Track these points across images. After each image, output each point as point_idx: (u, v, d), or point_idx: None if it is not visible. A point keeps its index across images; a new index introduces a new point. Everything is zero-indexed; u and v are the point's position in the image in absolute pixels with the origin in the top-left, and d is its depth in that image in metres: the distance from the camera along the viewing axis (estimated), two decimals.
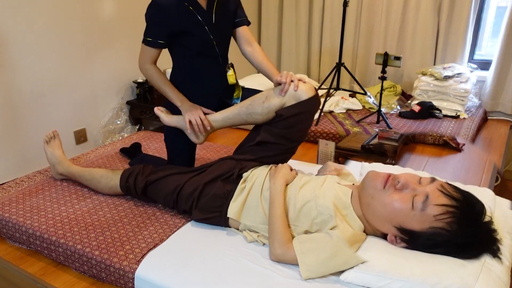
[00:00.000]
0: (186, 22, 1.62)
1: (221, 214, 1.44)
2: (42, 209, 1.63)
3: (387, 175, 1.20)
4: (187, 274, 1.23)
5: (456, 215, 1.08)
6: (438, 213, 1.09)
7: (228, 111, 1.64)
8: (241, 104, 1.61)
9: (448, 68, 2.94)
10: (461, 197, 1.11)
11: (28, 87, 2.30)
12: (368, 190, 1.22)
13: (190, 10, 1.62)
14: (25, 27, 2.23)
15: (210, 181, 1.50)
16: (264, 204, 1.38)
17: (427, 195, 1.11)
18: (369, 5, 3.43)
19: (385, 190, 1.18)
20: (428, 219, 1.10)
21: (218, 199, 1.45)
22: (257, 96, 1.57)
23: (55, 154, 1.84)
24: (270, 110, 1.52)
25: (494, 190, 1.52)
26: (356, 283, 1.13)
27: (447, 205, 1.09)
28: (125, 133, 2.88)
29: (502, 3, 3.14)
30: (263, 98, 1.53)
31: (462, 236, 1.08)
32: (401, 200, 1.14)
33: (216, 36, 1.68)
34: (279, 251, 1.24)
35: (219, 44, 1.71)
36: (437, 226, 1.09)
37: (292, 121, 1.50)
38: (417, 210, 1.11)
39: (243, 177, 1.49)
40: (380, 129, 2.52)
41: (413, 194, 1.14)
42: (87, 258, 1.37)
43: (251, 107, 1.56)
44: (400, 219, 1.15)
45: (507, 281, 1.07)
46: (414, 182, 1.17)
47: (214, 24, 1.67)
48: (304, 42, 3.82)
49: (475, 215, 1.10)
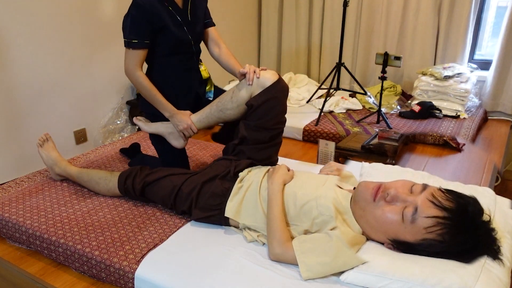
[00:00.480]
0: (167, 21, 1.64)
1: (221, 212, 1.45)
2: (42, 209, 1.63)
3: (377, 186, 1.19)
4: (187, 274, 1.23)
5: (447, 226, 1.07)
6: (428, 226, 1.08)
7: (201, 112, 1.69)
8: (211, 103, 1.67)
9: (448, 68, 2.94)
10: (453, 206, 1.08)
11: (28, 87, 2.30)
12: (359, 203, 1.22)
13: (169, 10, 1.65)
14: (25, 27, 2.23)
15: (208, 180, 1.52)
16: (263, 204, 1.38)
17: (416, 207, 1.10)
18: (369, 5, 3.43)
19: (375, 202, 1.17)
20: (420, 231, 1.10)
21: (217, 197, 1.46)
22: (225, 93, 1.63)
23: (50, 156, 1.84)
24: (239, 103, 1.56)
25: (494, 190, 1.52)
26: (356, 283, 1.13)
27: (437, 216, 1.08)
28: (125, 133, 2.88)
29: (502, 3, 3.14)
30: (231, 93, 1.59)
31: (456, 245, 1.08)
32: (391, 212, 1.13)
33: (193, 35, 1.73)
34: (278, 251, 1.24)
35: (195, 43, 1.76)
36: (429, 238, 1.09)
37: (263, 109, 1.53)
38: (407, 223, 1.10)
39: (240, 177, 1.50)
40: (380, 129, 2.52)
41: (403, 206, 1.13)
42: (87, 258, 1.37)
43: (221, 104, 1.61)
44: (393, 231, 1.15)
45: (507, 282, 1.07)
46: (404, 192, 1.15)
47: (191, 23, 1.71)
48: (304, 42, 3.82)
49: (468, 223, 1.07)
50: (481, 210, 1.11)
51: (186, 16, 1.70)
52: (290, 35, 3.88)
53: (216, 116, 1.65)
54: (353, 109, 3.09)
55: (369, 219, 1.19)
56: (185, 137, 1.74)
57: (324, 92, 3.32)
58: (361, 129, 2.66)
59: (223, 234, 1.43)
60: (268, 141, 1.61)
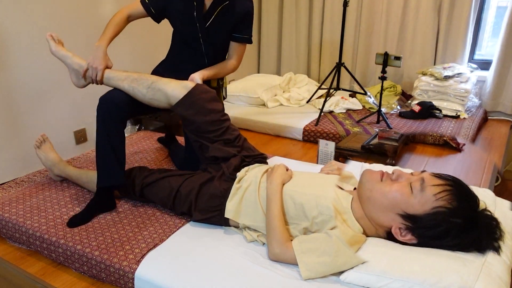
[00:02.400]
0: (179, 8, 1.71)
1: (220, 213, 1.45)
2: (42, 210, 1.63)
3: (381, 170, 1.27)
4: (186, 274, 1.23)
5: (453, 192, 1.12)
6: (437, 192, 1.12)
7: (116, 73, 1.64)
8: (130, 75, 1.61)
9: (448, 68, 2.94)
10: (453, 178, 1.18)
11: (28, 87, 2.30)
12: (366, 184, 1.24)
13: (192, 3, 1.70)
14: (25, 27, 2.23)
15: (205, 182, 1.52)
16: (263, 203, 1.38)
17: (423, 179, 1.16)
18: (369, 5, 3.43)
19: (382, 181, 1.22)
20: (429, 200, 1.13)
21: (217, 198, 1.46)
22: (146, 77, 1.60)
23: (49, 157, 1.83)
24: (155, 98, 1.58)
25: (494, 190, 1.52)
26: (356, 283, 1.13)
27: (443, 184, 1.14)
28: (125, 133, 2.88)
29: (502, 3, 3.14)
30: (150, 82, 1.58)
31: (464, 211, 1.11)
32: (400, 186, 1.18)
33: (204, 34, 1.76)
34: (277, 250, 1.24)
35: (206, 42, 1.78)
36: (438, 205, 1.12)
37: (191, 120, 1.56)
38: (417, 192, 1.14)
39: (238, 177, 1.49)
40: (380, 129, 2.52)
41: (409, 181, 1.18)
42: (87, 259, 1.37)
43: (136, 83, 1.58)
44: (402, 205, 1.16)
45: (507, 281, 1.07)
46: (407, 174, 1.23)
47: (207, 26, 1.74)
48: (304, 42, 3.82)
49: (470, 192, 1.15)
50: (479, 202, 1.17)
51: (205, 17, 1.73)
52: (290, 35, 3.88)
53: (125, 88, 1.60)
54: (353, 109, 3.09)
55: (377, 198, 1.20)
56: (85, 78, 1.69)
57: (324, 92, 3.32)
58: (361, 129, 2.66)
59: (223, 234, 1.43)
60: (221, 136, 1.59)
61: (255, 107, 3.16)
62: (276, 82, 3.41)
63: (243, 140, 1.66)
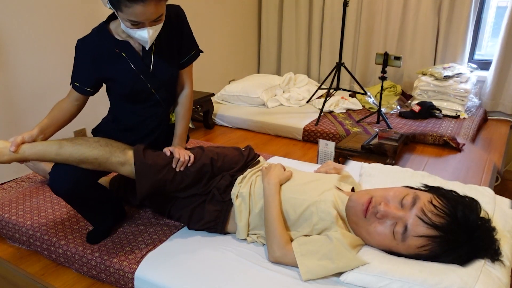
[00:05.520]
0: (116, 70, 1.40)
1: (217, 230, 1.43)
2: (42, 210, 1.63)
3: (368, 201, 1.17)
4: (186, 275, 1.23)
5: (438, 244, 1.07)
6: (420, 245, 1.09)
7: (43, 144, 1.40)
8: (57, 141, 1.39)
9: (448, 68, 2.94)
10: (443, 222, 1.06)
11: (28, 87, 2.30)
12: (351, 217, 1.22)
13: (122, 56, 1.39)
14: (25, 27, 2.23)
15: (197, 206, 1.42)
16: (258, 203, 1.37)
17: (406, 226, 1.10)
18: (369, 5, 3.43)
19: (367, 219, 1.17)
20: (411, 248, 1.11)
21: (212, 223, 1.41)
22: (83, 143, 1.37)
23: (39, 167, 1.80)
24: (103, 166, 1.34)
25: (494, 190, 1.52)
26: (356, 283, 1.13)
27: (427, 236, 1.07)
28: None
29: (502, 3, 3.14)
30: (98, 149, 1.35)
31: (450, 256, 1.08)
32: (382, 230, 1.14)
33: (154, 83, 1.44)
34: (278, 253, 1.23)
35: (159, 90, 1.46)
36: (422, 254, 1.10)
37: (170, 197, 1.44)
38: (399, 241, 1.12)
39: (233, 194, 1.40)
40: (380, 129, 2.52)
41: (393, 223, 1.12)
42: (87, 259, 1.37)
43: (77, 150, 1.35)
44: (386, 246, 1.16)
45: (507, 282, 1.07)
46: (395, 207, 1.13)
47: (152, 72, 1.42)
48: (304, 42, 3.82)
49: (461, 234, 1.06)
50: (477, 211, 1.09)
51: (146, 64, 1.41)
52: (290, 35, 3.88)
53: (52, 157, 1.36)
54: (353, 109, 3.09)
55: (362, 234, 1.20)
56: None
57: (324, 92, 3.32)
58: (361, 129, 2.66)
59: (222, 235, 1.43)
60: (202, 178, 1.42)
61: (255, 107, 3.16)
62: (276, 82, 3.41)
63: (221, 159, 1.46)
